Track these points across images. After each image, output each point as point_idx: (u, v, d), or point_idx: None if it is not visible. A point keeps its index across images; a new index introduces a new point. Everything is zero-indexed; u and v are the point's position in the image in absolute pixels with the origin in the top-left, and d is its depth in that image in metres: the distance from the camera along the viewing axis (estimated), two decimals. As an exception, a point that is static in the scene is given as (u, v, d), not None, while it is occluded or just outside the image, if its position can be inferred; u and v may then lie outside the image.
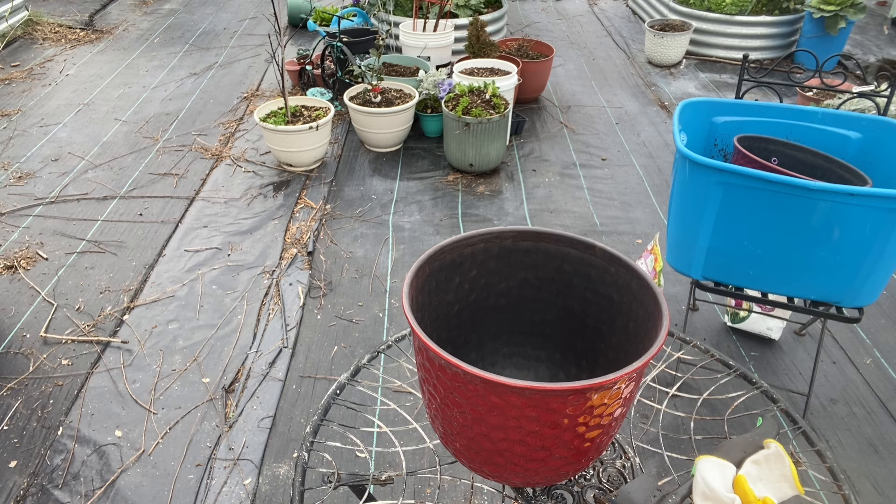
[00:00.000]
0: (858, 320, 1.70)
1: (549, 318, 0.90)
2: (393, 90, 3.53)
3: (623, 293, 0.81)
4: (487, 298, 0.89)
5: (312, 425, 0.96)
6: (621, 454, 0.92)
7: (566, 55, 4.87)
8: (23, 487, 1.77)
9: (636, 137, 3.73)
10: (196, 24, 5.39)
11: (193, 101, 4.03)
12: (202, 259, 2.69)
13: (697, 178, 1.63)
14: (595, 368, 0.86)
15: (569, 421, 0.65)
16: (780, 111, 1.88)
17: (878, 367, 2.23)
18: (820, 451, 0.97)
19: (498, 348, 0.93)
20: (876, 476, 1.86)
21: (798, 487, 0.81)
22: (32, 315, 2.37)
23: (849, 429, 2.01)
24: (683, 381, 1.07)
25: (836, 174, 1.71)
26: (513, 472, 0.74)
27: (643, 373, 0.71)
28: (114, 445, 1.90)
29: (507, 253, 0.87)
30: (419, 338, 0.66)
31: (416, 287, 0.76)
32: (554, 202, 3.12)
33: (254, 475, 1.82)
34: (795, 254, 1.60)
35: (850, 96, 2.70)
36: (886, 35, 5.26)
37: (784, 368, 2.21)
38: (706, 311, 2.46)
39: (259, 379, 2.13)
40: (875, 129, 1.79)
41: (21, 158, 3.36)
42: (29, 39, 4.90)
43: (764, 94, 3.94)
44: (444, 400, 0.71)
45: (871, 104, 2.87)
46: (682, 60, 4.74)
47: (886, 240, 1.51)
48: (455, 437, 0.74)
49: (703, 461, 0.82)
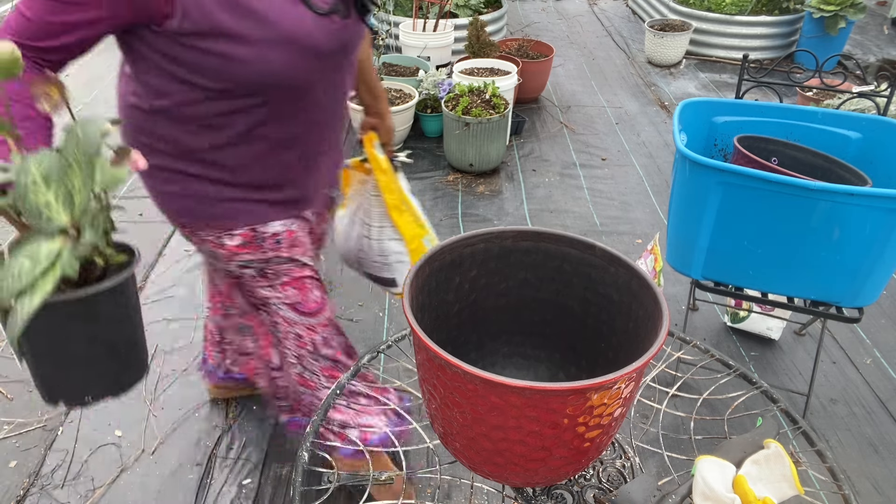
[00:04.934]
0: (858, 320, 1.70)
1: (549, 318, 0.90)
2: (393, 90, 3.53)
3: (623, 293, 0.81)
4: (487, 298, 0.89)
5: (312, 425, 0.96)
6: (621, 454, 0.92)
7: (566, 55, 4.87)
8: (23, 487, 1.77)
9: (636, 137, 3.73)
10: (196, 24, 5.38)
11: (193, 100, 4.03)
12: (202, 259, 2.69)
13: (697, 178, 1.63)
14: (595, 368, 0.86)
15: (569, 421, 0.65)
16: (780, 111, 1.88)
17: (878, 367, 2.23)
18: (820, 451, 0.97)
19: (498, 348, 0.93)
20: (876, 476, 1.86)
21: (798, 487, 0.81)
22: (32, 315, 2.37)
23: (849, 429, 2.01)
24: (683, 381, 1.07)
25: (836, 174, 1.71)
26: (513, 472, 0.74)
27: (643, 373, 0.71)
28: (114, 445, 1.90)
29: (507, 253, 0.87)
30: (419, 338, 0.66)
31: (416, 287, 0.76)
32: (554, 202, 3.12)
33: (254, 475, 1.82)
34: (795, 254, 1.60)
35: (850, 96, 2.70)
36: (886, 35, 5.26)
37: (784, 368, 2.21)
38: (706, 311, 2.46)
39: (259, 379, 2.13)
40: (875, 129, 1.79)
41: (21, 158, 3.37)
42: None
43: (764, 94, 3.93)
44: (443, 400, 0.71)
45: (871, 104, 2.87)
46: (682, 60, 4.74)
47: (886, 240, 1.51)
48: (455, 436, 0.74)
49: (703, 461, 0.82)
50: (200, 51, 0.98)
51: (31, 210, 0.63)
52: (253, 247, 1.24)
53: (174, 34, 0.96)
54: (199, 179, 1.17)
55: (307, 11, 1.02)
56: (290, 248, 1.28)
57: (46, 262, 0.61)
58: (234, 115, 1.08)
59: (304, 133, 1.19)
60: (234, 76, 1.02)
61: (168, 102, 1.07)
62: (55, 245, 0.63)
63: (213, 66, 1.00)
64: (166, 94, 1.07)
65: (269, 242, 1.25)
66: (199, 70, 1.01)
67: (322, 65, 1.10)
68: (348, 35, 1.12)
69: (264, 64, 1.01)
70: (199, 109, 1.07)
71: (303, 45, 1.03)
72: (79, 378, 0.79)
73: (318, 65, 1.09)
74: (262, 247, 1.25)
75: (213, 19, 0.95)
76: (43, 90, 0.72)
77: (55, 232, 0.64)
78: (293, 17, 1.01)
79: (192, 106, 1.07)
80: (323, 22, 1.05)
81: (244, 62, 1.00)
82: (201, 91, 1.04)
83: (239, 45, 0.98)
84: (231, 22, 0.96)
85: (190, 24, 0.95)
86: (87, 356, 0.78)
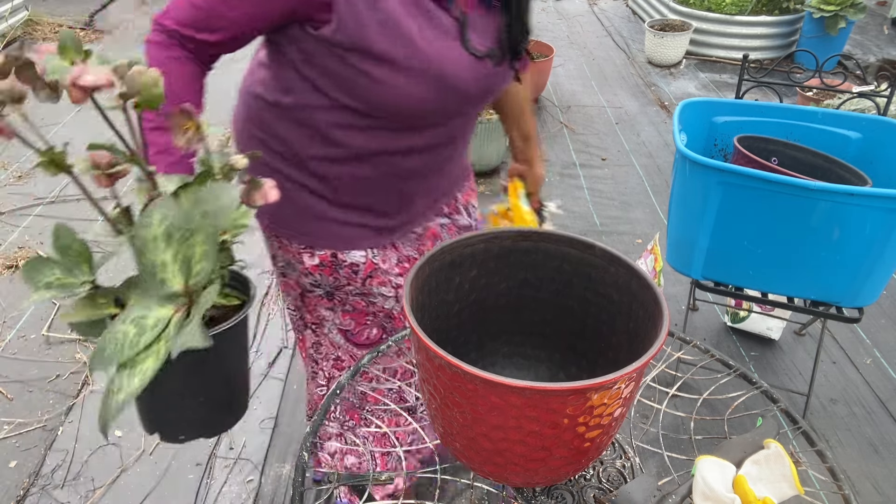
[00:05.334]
0: (858, 320, 1.70)
1: (549, 317, 0.90)
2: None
3: (623, 293, 0.81)
4: (487, 298, 0.89)
5: (312, 425, 0.96)
6: (621, 454, 0.92)
7: (566, 55, 4.87)
8: (23, 487, 1.77)
9: (636, 137, 3.73)
10: (196, 24, 5.38)
11: (193, 101, 4.02)
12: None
13: (697, 178, 1.63)
14: (595, 368, 0.86)
15: (569, 421, 0.65)
16: (780, 111, 1.88)
17: (878, 367, 2.23)
18: (820, 451, 0.97)
19: (498, 348, 0.93)
20: (876, 476, 1.86)
21: (798, 487, 0.81)
22: (33, 314, 2.37)
23: (849, 429, 2.01)
24: (683, 381, 1.07)
25: (836, 174, 1.71)
26: (513, 472, 0.74)
27: (643, 373, 0.71)
28: (114, 446, 1.90)
29: (507, 253, 0.87)
30: (419, 338, 0.66)
31: (416, 287, 0.76)
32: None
33: (255, 474, 1.82)
34: (795, 254, 1.60)
35: (850, 96, 2.70)
36: (886, 35, 5.26)
37: (784, 368, 2.21)
38: (706, 311, 2.46)
39: (259, 379, 2.13)
40: (875, 129, 1.79)
41: (21, 158, 3.36)
42: (29, 39, 4.91)
43: (764, 94, 3.94)
44: (444, 400, 0.71)
45: (871, 104, 2.87)
46: (682, 60, 4.74)
47: (886, 240, 1.51)
48: (455, 436, 0.74)
49: (703, 461, 0.82)
50: (345, 63, 0.94)
51: (145, 268, 0.58)
52: (329, 270, 1.20)
53: (325, 40, 0.93)
54: (301, 189, 1.12)
55: (463, 52, 0.98)
56: (365, 280, 1.22)
57: (152, 334, 0.56)
58: (354, 131, 1.04)
59: (420, 166, 1.14)
60: (371, 96, 0.97)
61: (293, 102, 1.03)
62: (165, 312, 0.58)
63: (353, 80, 0.96)
64: (294, 93, 1.02)
65: (346, 271, 1.20)
66: (337, 81, 0.97)
67: (462, 104, 1.05)
68: (496, 80, 1.07)
69: (405, 92, 0.96)
70: (322, 117, 1.03)
71: (449, 84, 0.99)
72: (177, 418, 0.76)
73: (459, 104, 1.04)
74: (337, 273, 1.20)
75: (366, 35, 0.91)
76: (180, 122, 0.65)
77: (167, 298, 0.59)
78: (447, 54, 0.97)
79: (316, 112, 1.03)
80: (475, 64, 1.01)
81: (386, 86, 0.95)
82: (330, 100, 1.00)
83: (385, 67, 0.94)
84: (384, 44, 0.92)
85: (343, 36, 0.91)
86: (189, 398, 0.73)
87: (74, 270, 0.64)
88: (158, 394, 0.68)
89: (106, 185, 0.66)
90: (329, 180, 1.11)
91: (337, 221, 1.15)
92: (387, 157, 1.08)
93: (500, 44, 1.04)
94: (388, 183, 1.13)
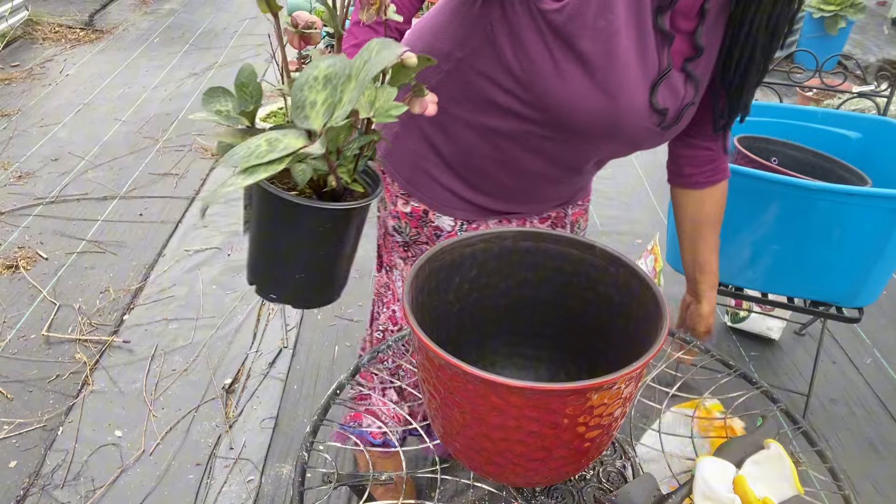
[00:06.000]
0: (858, 320, 1.70)
1: (549, 317, 0.90)
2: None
3: (623, 293, 0.81)
4: (487, 298, 0.89)
5: (312, 425, 0.96)
6: (621, 454, 0.92)
7: (566, 55, 4.87)
8: (23, 487, 1.77)
9: (636, 137, 3.73)
10: (196, 24, 5.39)
11: (193, 101, 4.03)
12: (202, 259, 2.69)
13: (697, 178, 1.63)
14: (595, 368, 0.86)
15: (569, 421, 0.65)
16: (780, 111, 1.88)
17: (878, 367, 2.23)
18: (820, 451, 0.97)
19: (498, 348, 0.93)
20: (876, 476, 1.86)
21: (798, 487, 0.81)
22: (33, 314, 2.37)
23: (849, 429, 2.01)
24: (683, 381, 1.07)
25: (836, 174, 1.71)
26: (513, 472, 0.74)
27: (643, 373, 0.71)
28: (114, 445, 1.90)
29: (507, 253, 0.87)
30: (419, 338, 0.66)
31: (416, 287, 0.76)
32: (554, 202, 3.12)
33: (255, 475, 1.82)
34: (795, 254, 1.60)
35: (850, 96, 2.70)
36: (886, 35, 5.26)
37: (784, 368, 2.21)
38: (706, 311, 2.46)
39: (259, 379, 2.13)
40: (875, 129, 1.79)
41: (21, 158, 3.37)
42: (29, 39, 4.91)
43: (764, 94, 3.93)
44: (444, 400, 0.71)
45: (871, 104, 2.87)
46: (682, 60, 4.73)
47: (886, 240, 1.51)
48: (455, 436, 0.74)
49: (703, 461, 0.82)
50: (543, 41, 0.90)
51: (297, 101, 0.63)
52: (415, 223, 1.21)
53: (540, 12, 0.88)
54: (429, 143, 1.13)
55: (646, 96, 0.94)
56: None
57: (278, 154, 0.61)
58: (501, 111, 1.01)
59: (541, 171, 1.11)
60: (544, 85, 0.93)
61: (463, 56, 1.00)
62: (297, 142, 0.63)
63: (538, 62, 0.92)
64: (471, 50, 0.99)
65: (430, 230, 1.21)
66: (522, 56, 0.93)
67: (612, 138, 1.00)
68: (649, 137, 1.02)
69: (576, 98, 0.92)
70: (477, 84, 1.00)
71: (616, 113, 0.94)
72: (277, 277, 0.80)
73: (611, 136, 0.99)
74: (421, 229, 1.22)
75: (583, 29, 0.87)
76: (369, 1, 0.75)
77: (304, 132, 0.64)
78: (634, 86, 0.93)
79: (481, 77, 0.99)
80: (647, 112, 0.96)
81: (564, 82, 0.91)
82: (501, 74, 0.97)
83: (576, 66, 0.90)
84: (590, 47, 0.88)
85: (562, 18, 0.87)
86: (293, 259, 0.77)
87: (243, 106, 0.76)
88: (270, 248, 0.77)
89: (297, 47, 0.78)
90: (455, 143, 1.11)
91: (442, 184, 1.16)
92: (518, 149, 1.06)
93: (678, 111, 1.01)
94: (504, 170, 1.12)
